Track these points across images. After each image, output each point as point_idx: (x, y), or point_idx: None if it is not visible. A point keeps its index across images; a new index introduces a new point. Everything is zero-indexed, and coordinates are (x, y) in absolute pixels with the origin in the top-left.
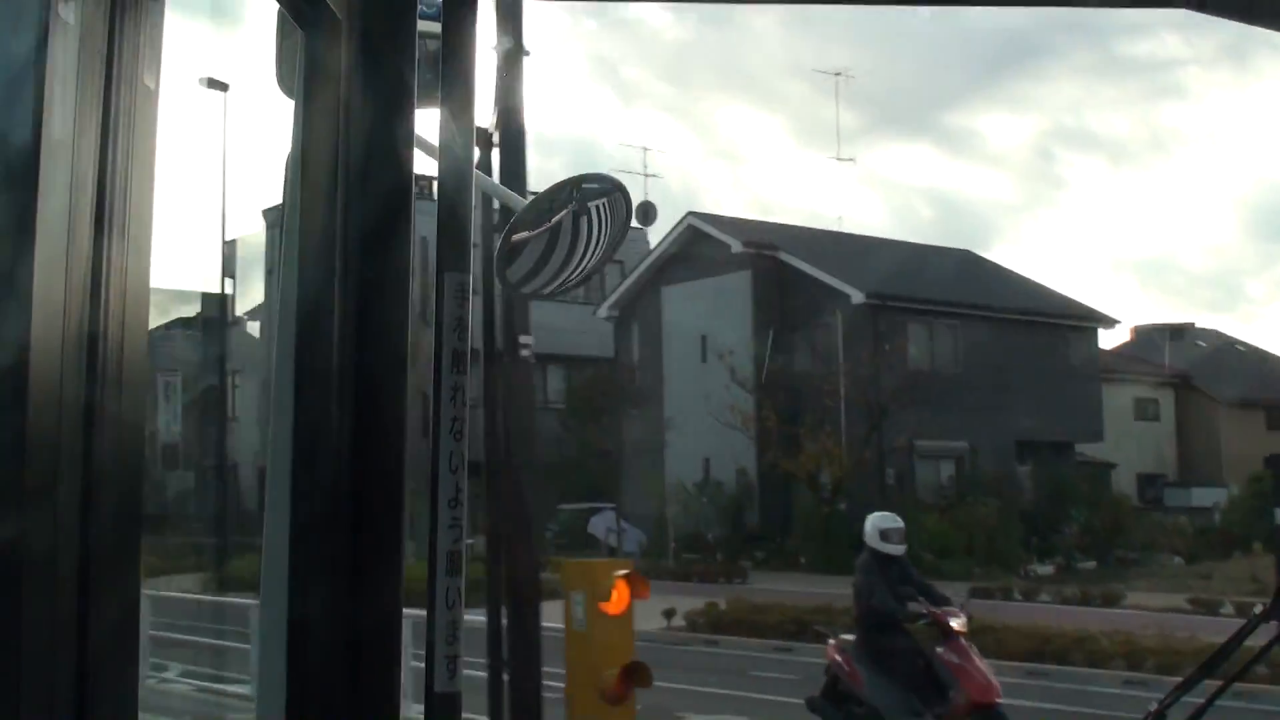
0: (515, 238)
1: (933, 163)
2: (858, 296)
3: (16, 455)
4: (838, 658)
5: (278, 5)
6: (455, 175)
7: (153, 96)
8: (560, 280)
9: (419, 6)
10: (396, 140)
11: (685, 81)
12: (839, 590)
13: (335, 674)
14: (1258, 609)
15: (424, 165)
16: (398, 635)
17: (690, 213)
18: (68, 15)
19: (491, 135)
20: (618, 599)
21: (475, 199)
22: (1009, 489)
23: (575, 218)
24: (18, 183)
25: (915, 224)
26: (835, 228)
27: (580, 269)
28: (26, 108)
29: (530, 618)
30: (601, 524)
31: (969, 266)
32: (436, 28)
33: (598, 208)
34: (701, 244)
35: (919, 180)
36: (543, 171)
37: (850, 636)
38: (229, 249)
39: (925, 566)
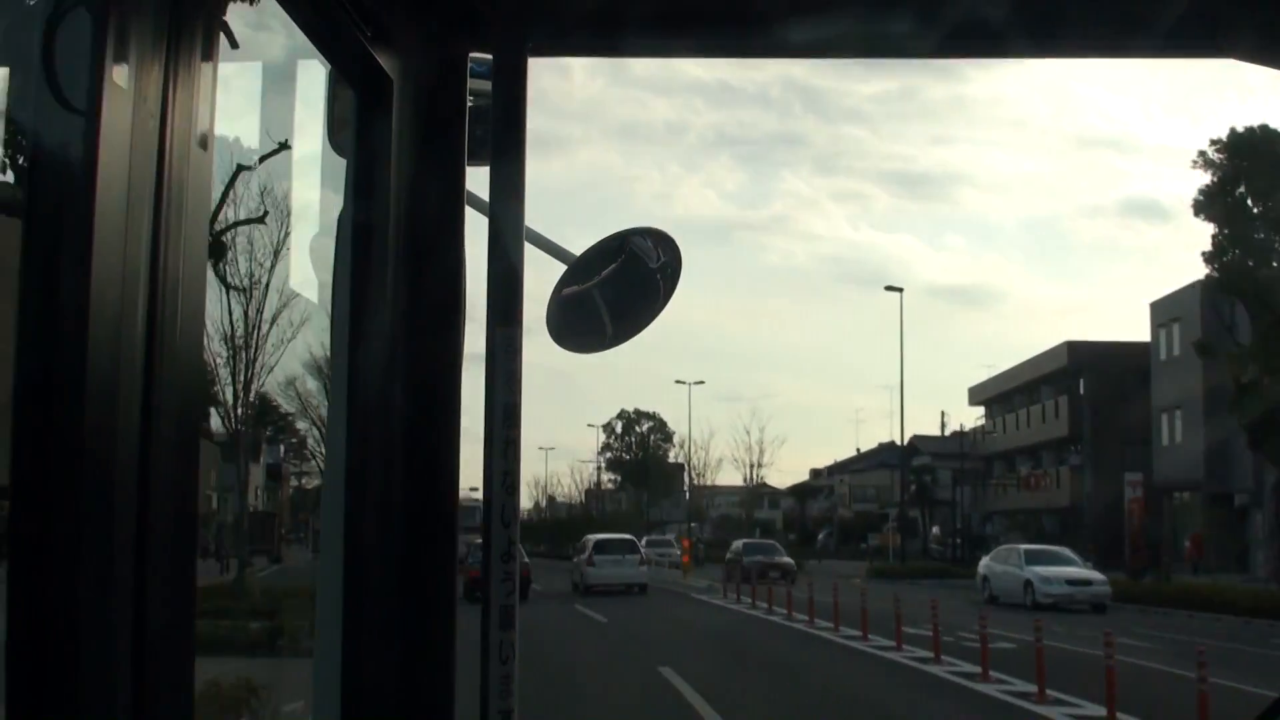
0: (566, 292)
1: None
2: None
3: (73, 520)
4: None
5: (330, 66)
6: (507, 231)
7: (206, 159)
8: (626, 334)
9: (470, 65)
10: (449, 197)
11: None
12: None
13: None
14: None
15: (475, 222)
16: (451, 694)
17: None
18: (121, 80)
19: None
20: None
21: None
22: None
23: (629, 269)
24: (73, 246)
25: None
26: None
27: (644, 318)
28: (81, 172)
29: None
30: None
31: None
32: (488, 86)
33: (651, 257)
34: None
35: None
36: None
37: None
38: None
39: None
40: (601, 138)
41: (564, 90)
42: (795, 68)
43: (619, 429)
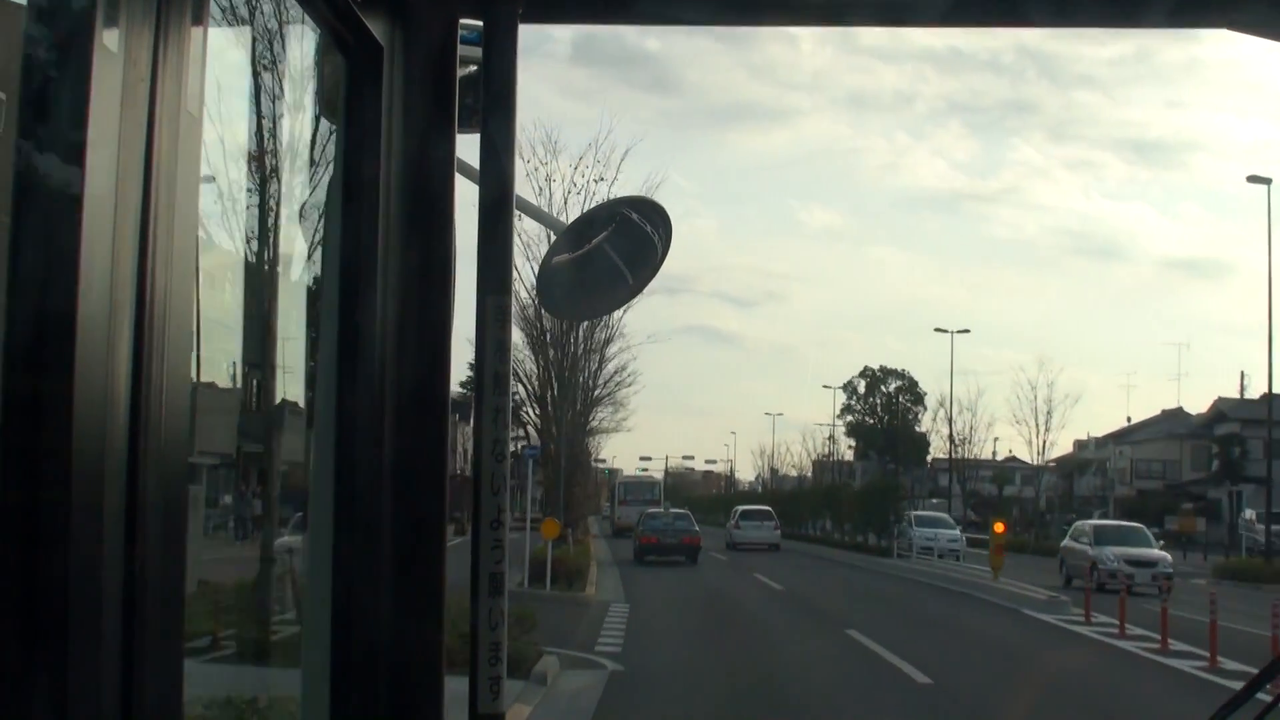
0: (555, 260)
1: None
2: None
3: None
4: None
5: (321, 32)
6: (496, 198)
7: (196, 124)
8: (614, 303)
9: (460, 33)
10: (438, 164)
11: None
12: None
13: (380, 699)
14: None
15: (465, 188)
16: (439, 662)
17: None
18: (112, 44)
19: None
20: None
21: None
22: None
23: (619, 238)
24: (62, 211)
25: None
26: None
27: (632, 289)
28: (71, 135)
29: None
30: None
31: None
32: (477, 53)
33: (641, 227)
34: None
35: None
36: None
37: None
38: None
39: None
40: (830, 107)
41: (790, 61)
42: (1029, 33)
43: (861, 389)
